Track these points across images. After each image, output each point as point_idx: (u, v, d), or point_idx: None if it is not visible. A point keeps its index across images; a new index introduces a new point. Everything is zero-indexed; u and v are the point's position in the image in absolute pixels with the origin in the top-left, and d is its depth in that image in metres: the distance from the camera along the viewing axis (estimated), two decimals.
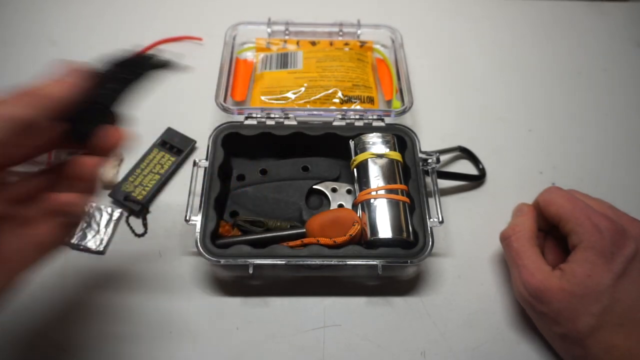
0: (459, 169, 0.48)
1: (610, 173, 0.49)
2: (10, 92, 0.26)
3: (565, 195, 0.37)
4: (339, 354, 0.37)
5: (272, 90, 0.49)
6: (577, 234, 0.34)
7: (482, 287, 0.41)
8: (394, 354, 0.37)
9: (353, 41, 0.55)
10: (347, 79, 0.49)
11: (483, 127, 0.52)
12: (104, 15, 0.61)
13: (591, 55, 0.59)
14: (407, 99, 0.46)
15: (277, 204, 0.42)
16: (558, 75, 0.57)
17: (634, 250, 0.33)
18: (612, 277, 0.32)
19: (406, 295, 0.40)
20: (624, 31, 0.62)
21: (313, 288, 0.40)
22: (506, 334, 0.38)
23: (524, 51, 0.59)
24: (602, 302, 0.32)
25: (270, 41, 0.54)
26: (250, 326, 0.38)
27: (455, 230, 0.44)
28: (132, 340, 0.37)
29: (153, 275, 0.40)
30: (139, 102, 0.32)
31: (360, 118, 0.45)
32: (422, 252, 0.37)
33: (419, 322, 0.39)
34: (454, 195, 0.46)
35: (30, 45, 0.57)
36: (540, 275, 0.34)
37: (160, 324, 0.38)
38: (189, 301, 0.39)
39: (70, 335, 0.37)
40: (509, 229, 0.38)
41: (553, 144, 0.51)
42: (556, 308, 0.33)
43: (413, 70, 0.54)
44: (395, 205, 0.39)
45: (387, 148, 0.42)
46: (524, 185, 0.46)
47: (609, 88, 0.56)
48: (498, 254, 0.42)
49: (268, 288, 0.40)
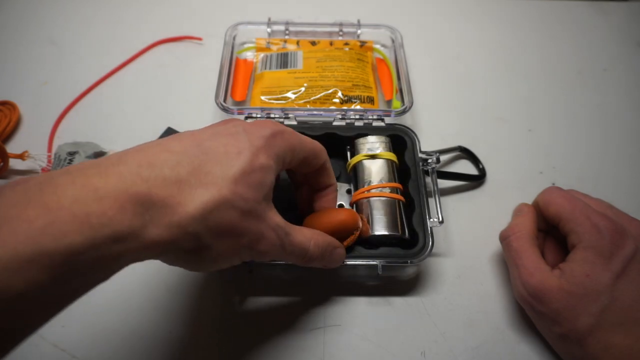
0: (459, 169, 0.48)
1: (610, 173, 0.49)
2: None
3: (565, 195, 0.37)
4: (339, 354, 0.37)
5: (272, 90, 0.49)
6: (576, 234, 0.34)
7: (482, 287, 0.41)
8: (394, 354, 0.37)
9: (353, 41, 0.55)
10: (347, 79, 0.49)
11: (483, 127, 0.52)
12: (103, 15, 0.61)
13: (591, 55, 0.59)
14: (407, 99, 0.46)
15: (277, 204, 0.42)
16: (558, 75, 0.57)
17: (633, 250, 0.33)
18: (611, 276, 0.32)
19: (406, 295, 0.40)
20: (624, 31, 0.62)
21: (313, 288, 0.40)
22: (506, 334, 0.38)
23: (524, 51, 0.59)
24: (602, 302, 0.32)
25: (270, 41, 0.54)
26: (250, 326, 0.38)
27: (455, 230, 0.44)
28: (131, 341, 0.37)
29: (152, 276, 0.40)
30: (139, 101, 0.32)
31: (360, 118, 0.45)
32: (422, 252, 0.37)
33: (419, 322, 0.39)
34: (454, 195, 0.46)
35: (30, 45, 0.57)
36: (539, 275, 0.34)
37: (160, 324, 0.38)
38: (188, 301, 0.39)
39: (69, 336, 0.37)
40: (509, 229, 0.38)
41: (553, 144, 0.51)
42: (555, 308, 0.33)
43: (413, 70, 0.54)
44: (390, 203, 0.39)
45: (381, 149, 0.42)
46: (524, 185, 0.46)
47: (609, 88, 0.56)
48: (498, 254, 0.42)
49: (268, 288, 0.40)
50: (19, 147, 0.46)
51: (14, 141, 0.49)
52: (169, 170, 0.24)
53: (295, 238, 0.31)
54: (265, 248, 0.28)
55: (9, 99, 0.51)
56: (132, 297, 0.39)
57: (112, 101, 0.52)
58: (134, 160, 0.24)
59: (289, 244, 0.30)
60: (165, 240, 0.23)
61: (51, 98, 0.52)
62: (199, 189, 0.24)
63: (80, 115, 0.51)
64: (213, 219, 0.25)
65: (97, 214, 0.21)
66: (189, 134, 0.28)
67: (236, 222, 0.26)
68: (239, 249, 0.27)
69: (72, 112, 0.51)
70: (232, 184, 0.25)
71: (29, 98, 0.51)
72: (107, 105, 0.52)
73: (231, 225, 0.25)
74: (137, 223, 0.22)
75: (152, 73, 0.55)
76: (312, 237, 0.32)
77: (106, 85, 0.53)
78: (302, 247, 0.31)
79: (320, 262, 0.33)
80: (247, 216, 0.26)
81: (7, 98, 0.51)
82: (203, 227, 0.24)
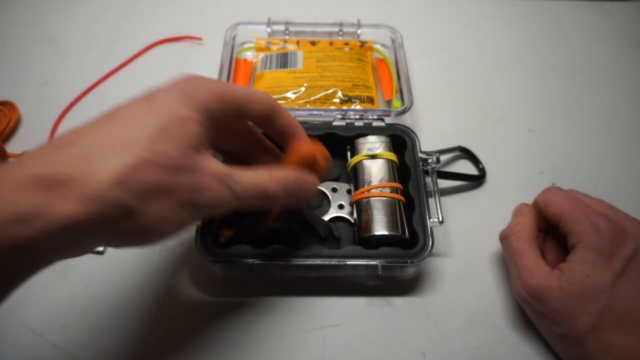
0: (459, 169, 0.48)
1: (610, 173, 0.49)
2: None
3: (565, 195, 0.37)
4: (339, 354, 0.37)
5: (272, 90, 0.49)
6: (576, 234, 0.34)
7: (482, 287, 0.41)
8: (394, 354, 0.37)
9: (353, 41, 0.55)
10: (347, 79, 0.49)
11: (483, 127, 0.52)
12: (103, 15, 0.61)
13: (591, 55, 0.59)
14: (407, 99, 0.46)
15: None
16: (558, 75, 0.57)
17: (633, 250, 0.33)
18: (611, 276, 0.32)
19: (406, 295, 0.40)
20: (624, 31, 0.62)
21: (313, 288, 0.40)
22: (506, 334, 0.38)
23: (524, 51, 0.59)
24: (601, 302, 0.32)
25: (270, 41, 0.54)
26: (250, 326, 0.38)
27: (455, 230, 0.44)
28: (131, 340, 0.37)
29: (152, 276, 0.40)
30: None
31: (360, 118, 0.45)
32: (422, 252, 0.37)
33: (419, 322, 0.39)
34: (454, 195, 0.46)
35: (30, 45, 0.57)
36: (539, 275, 0.34)
37: (160, 324, 0.38)
38: (188, 301, 0.39)
39: (69, 335, 0.37)
40: (509, 229, 0.38)
41: (553, 144, 0.51)
42: (555, 308, 0.33)
43: (413, 70, 0.54)
44: (390, 203, 0.39)
45: (381, 149, 0.42)
46: (524, 185, 0.46)
47: (609, 88, 0.56)
48: (498, 254, 0.42)
49: (268, 288, 0.40)
50: (18, 147, 0.46)
51: (14, 141, 0.48)
52: (75, 148, 0.23)
53: (246, 179, 0.28)
54: (211, 199, 0.26)
55: (9, 99, 0.51)
56: (132, 298, 0.39)
57: (113, 101, 0.51)
58: (47, 145, 0.24)
59: (241, 188, 0.27)
60: (83, 215, 0.22)
61: (51, 98, 0.52)
62: (112, 156, 0.23)
63: (80, 116, 0.51)
64: (134, 182, 0.23)
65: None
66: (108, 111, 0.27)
67: (161, 178, 0.24)
68: (179, 208, 0.25)
69: (72, 112, 0.51)
70: (148, 143, 0.24)
71: (29, 98, 0.51)
72: (107, 105, 0.51)
73: (156, 183, 0.24)
74: (40, 202, 0.21)
75: (152, 73, 0.55)
76: (268, 174, 0.29)
77: (106, 85, 0.53)
78: (258, 187, 0.28)
79: (289, 198, 0.30)
80: (175, 171, 0.25)
81: (7, 98, 0.51)
82: (125, 192, 0.23)
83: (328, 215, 0.42)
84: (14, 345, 0.37)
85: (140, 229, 0.25)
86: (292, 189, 0.30)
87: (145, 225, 0.25)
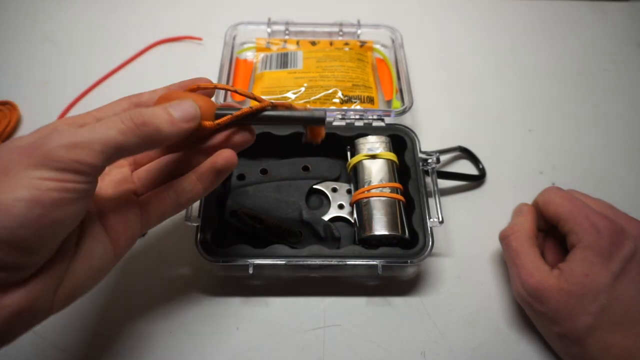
0: (459, 169, 0.48)
1: (610, 173, 0.49)
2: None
3: (565, 195, 0.37)
4: (339, 354, 0.37)
5: (272, 90, 0.49)
6: (575, 234, 0.34)
7: (482, 287, 0.41)
8: (394, 354, 0.37)
9: (353, 41, 0.55)
10: (347, 79, 0.49)
11: (483, 127, 0.52)
12: (104, 15, 0.61)
13: (591, 55, 0.59)
14: (407, 99, 0.46)
15: (277, 204, 0.42)
16: (558, 75, 0.57)
17: (632, 250, 0.33)
18: (610, 276, 0.32)
19: (406, 295, 0.40)
20: (624, 31, 0.62)
21: (313, 288, 0.40)
22: (506, 334, 0.38)
23: (524, 51, 0.59)
24: (600, 302, 0.32)
25: (270, 41, 0.54)
26: (250, 326, 0.38)
27: (455, 230, 0.44)
28: (131, 340, 0.37)
29: (153, 276, 0.40)
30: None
31: (360, 118, 0.45)
32: (422, 252, 0.37)
33: (419, 322, 0.39)
34: (454, 195, 0.46)
35: (30, 45, 0.57)
36: (538, 274, 0.34)
37: (160, 324, 0.38)
38: (189, 301, 0.39)
39: (68, 335, 0.37)
40: (508, 229, 0.38)
41: (553, 144, 0.51)
42: (554, 307, 0.33)
43: (413, 70, 0.54)
44: (390, 203, 0.39)
45: (382, 149, 0.42)
46: (524, 185, 0.46)
47: (609, 88, 0.56)
48: (498, 254, 0.42)
49: (268, 288, 0.40)
50: None
51: None
52: None
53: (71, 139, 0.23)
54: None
55: (9, 99, 0.51)
56: (132, 298, 0.39)
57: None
58: None
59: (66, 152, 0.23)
60: None
61: (51, 98, 0.52)
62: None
63: None
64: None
65: None
66: None
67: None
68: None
69: (72, 112, 0.51)
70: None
71: (29, 98, 0.51)
72: None
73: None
74: None
75: (152, 73, 0.55)
76: (111, 120, 0.25)
77: (106, 85, 0.53)
78: (102, 139, 0.24)
79: (157, 131, 0.26)
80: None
81: (7, 98, 0.51)
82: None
83: (328, 215, 0.42)
84: (14, 345, 0.37)
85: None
86: (152, 118, 0.26)
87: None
